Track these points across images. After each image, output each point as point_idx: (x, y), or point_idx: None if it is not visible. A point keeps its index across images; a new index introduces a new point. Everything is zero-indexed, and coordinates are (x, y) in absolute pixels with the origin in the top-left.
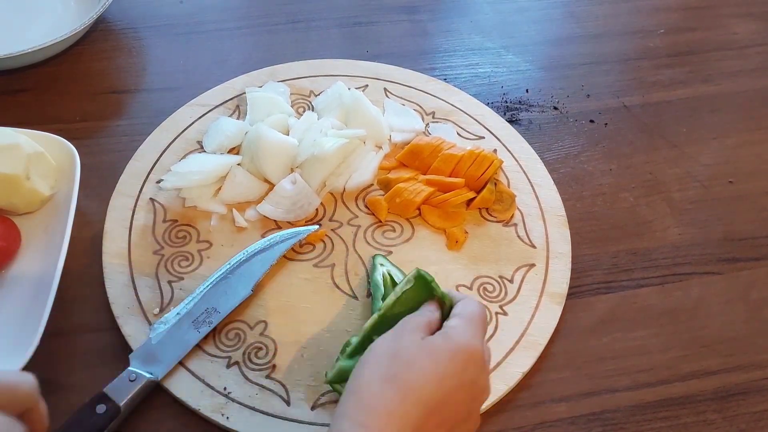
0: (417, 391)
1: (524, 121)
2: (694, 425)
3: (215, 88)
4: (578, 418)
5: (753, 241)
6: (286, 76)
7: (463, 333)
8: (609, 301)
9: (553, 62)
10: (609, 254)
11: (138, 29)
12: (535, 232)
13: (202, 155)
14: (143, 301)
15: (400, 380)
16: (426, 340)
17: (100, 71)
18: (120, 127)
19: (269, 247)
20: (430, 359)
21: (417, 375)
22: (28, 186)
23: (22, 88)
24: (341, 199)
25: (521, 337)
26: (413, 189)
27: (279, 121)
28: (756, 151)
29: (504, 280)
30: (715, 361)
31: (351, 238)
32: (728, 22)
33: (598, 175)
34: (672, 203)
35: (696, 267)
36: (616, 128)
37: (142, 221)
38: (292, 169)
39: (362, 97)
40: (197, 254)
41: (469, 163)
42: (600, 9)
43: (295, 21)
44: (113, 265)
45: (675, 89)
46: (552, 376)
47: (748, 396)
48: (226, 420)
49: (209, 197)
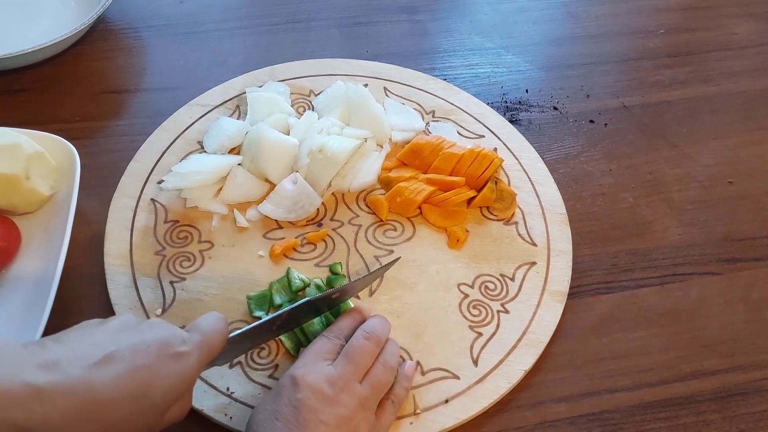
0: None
1: (524, 121)
2: (693, 425)
3: (215, 88)
4: (578, 418)
5: (753, 242)
6: (286, 75)
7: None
8: (609, 302)
9: (552, 62)
10: (609, 254)
11: (138, 29)
12: (535, 230)
13: (203, 155)
14: (145, 301)
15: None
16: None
17: (100, 71)
18: (120, 127)
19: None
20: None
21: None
22: (28, 186)
23: (22, 88)
24: (342, 199)
25: (523, 335)
26: (414, 188)
27: (279, 120)
28: (756, 151)
29: (505, 278)
30: (715, 362)
31: (352, 238)
32: (728, 22)
33: (598, 176)
34: (672, 203)
35: (696, 267)
36: (616, 128)
37: (144, 222)
38: (297, 170)
39: (367, 94)
40: (199, 254)
41: (469, 162)
42: (600, 9)
43: (295, 21)
44: (115, 266)
45: (675, 89)
46: (552, 376)
47: (748, 396)
48: (230, 420)
49: (210, 197)
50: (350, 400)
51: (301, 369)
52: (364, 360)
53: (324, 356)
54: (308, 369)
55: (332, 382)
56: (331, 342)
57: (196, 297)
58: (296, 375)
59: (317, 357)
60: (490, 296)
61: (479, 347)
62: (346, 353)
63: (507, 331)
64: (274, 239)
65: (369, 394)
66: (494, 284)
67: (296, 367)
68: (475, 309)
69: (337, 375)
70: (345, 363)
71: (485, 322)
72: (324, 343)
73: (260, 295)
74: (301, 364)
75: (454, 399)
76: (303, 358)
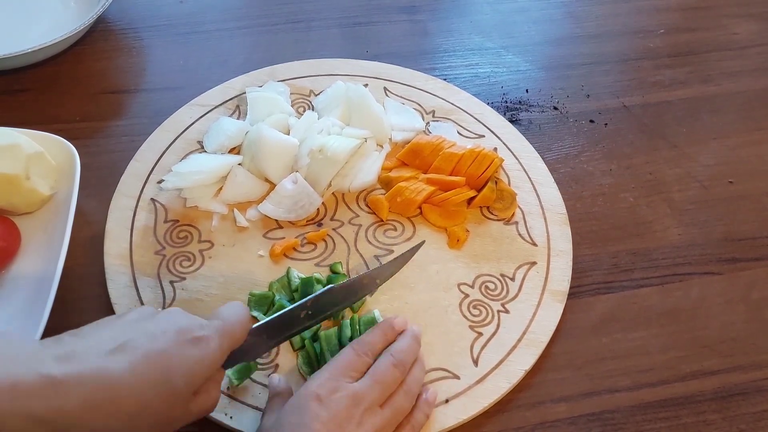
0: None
1: (524, 121)
2: (694, 425)
3: (215, 88)
4: (578, 418)
5: (753, 242)
6: (286, 75)
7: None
8: (609, 302)
9: (552, 62)
10: (609, 254)
11: (138, 29)
12: (536, 230)
13: (203, 155)
14: (145, 301)
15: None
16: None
17: (100, 71)
18: (120, 127)
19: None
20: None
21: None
22: (28, 186)
23: (22, 88)
24: (342, 199)
25: (523, 335)
26: (414, 188)
27: (279, 120)
28: (756, 151)
29: (505, 278)
30: (716, 362)
31: (352, 238)
32: (728, 22)
33: (598, 176)
34: (672, 203)
35: (696, 267)
36: (616, 128)
37: (144, 222)
38: (297, 169)
39: (367, 94)
40: (199, 254)
41: (469, 162)
42: (600, 9)
43: (295, 21)
44: (115, 266)
45: (675, 89)
46: (552, 376)
47: (748, 396)
48: (230, 420)
49: (210, 197)
50: (371, 423)
51: (326, 386)
52: (389, 386)
53: (350, 373)
54: (334, 387)
55: (357, 403)
56: (360, 359)
57: (196, 297)
58: (321, 393)
59: (344, 373)
60: (490, 296)
61: (479, 347)
62: (373, 375)
63: (507, 331)
64: (274, 239)
65: (389, 419)
66: (494, 284)
67: (320, 382)
68: (476, 309)
69: (362, 396)
70: (371, 385)
71: (485, 322)
72: (352, 358)
73: (262, 296)
74: (327, 377)
75: (455, 399)
76: (328, 371)
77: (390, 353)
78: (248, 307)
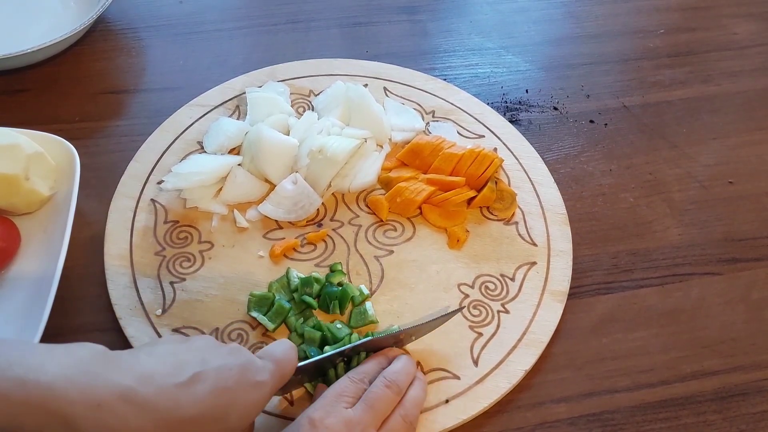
0: None
1: (524, 121)
2: (694, 426)
3: (215, 88)
4: (578, 418)
5: (753, 242)
6: (286, 76)
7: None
8: (609, 302)
9: (552, 62)
10: (609, 255)
11: (138, 29)
12: (536, 230)
13: (203, 156)
14: (145, 302)
15: None
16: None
17: (100, 71)
18: (120, 127)
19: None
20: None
21: None
22: (27, 186)
23: (22, 88)
24: (342, 199)
25: (523, 335)
26: (414, 188)
27: (279, 121)
28: (756, 151)
29: (505, 278)
30: (716, 362)
31: (352, 238)
32: (728, 22)
33: (598, 176)
34: (672, 203)
35: (696, 267)
36: (616, 128)
37: (143, 222)
38: (297, 170)
39: (367, 94)
40: (199, 255)
41: (469, 162)
42: (600, 9)
43: (295, 21)
44: (115, 267)
45: (675, 89)
46: (552, 376)
47: (749, 397)
48: None
49: (210, 198)
50: None
51: (320, 411)
52: (383, 408)
53: (344, 399)
54: (327, 411)
55: (351, 428)
56: (354, 385)
57: (196, 297)
58: (315, 417)
59: (338, 399)
60: (490, 296)
61: (479, 347)
62: (366, 399)
63: (507, 331)
64: (274, 239)
65: None
66: (494, 284)
67: (315, 408)
68: (476, 309)
69: (356, 421)
70: (364, 409)
71: (485, 322)
72: (347, 385)
73: (262, 296)
74: (321, 405)
75: (455, 399)
76: (323, 399)
77: (383, 375)
78: (249, 307)
